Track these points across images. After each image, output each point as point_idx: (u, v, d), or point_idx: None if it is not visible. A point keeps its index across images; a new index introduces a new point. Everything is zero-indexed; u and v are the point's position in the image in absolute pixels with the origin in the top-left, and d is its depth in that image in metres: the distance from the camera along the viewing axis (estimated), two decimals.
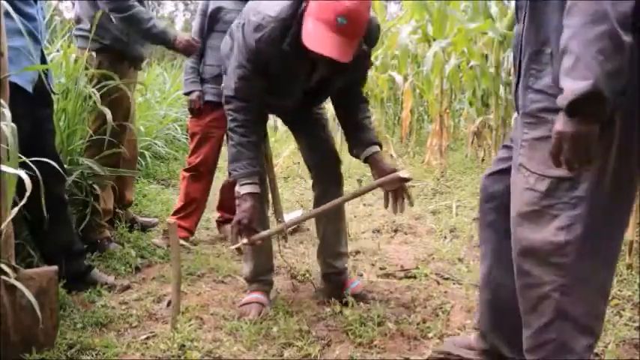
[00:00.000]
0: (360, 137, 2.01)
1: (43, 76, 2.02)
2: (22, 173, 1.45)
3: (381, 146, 2.04)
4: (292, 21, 1.75)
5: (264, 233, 1.93)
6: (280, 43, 1.77)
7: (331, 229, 2.19)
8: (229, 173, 1.96)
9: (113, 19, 2.49)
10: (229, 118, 1.92)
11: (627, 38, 1.03)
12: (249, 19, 1.81)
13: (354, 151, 2.03)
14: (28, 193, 1.41)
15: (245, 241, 1.86)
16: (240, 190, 1.89)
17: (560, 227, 1.20)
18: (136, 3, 2.48)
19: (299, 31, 1.73)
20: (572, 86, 1.04)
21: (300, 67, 1.85)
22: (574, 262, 1.20)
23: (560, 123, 1.08)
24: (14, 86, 1.75)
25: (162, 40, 2.58)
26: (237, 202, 1.90)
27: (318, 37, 1.66)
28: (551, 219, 1.21)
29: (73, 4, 2.84)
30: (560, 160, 1.11)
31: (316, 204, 2.17)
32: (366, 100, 2.11)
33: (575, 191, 1.17)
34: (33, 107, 1.93)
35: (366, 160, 2.00)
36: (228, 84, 1.91)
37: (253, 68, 1.84)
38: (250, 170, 1.88)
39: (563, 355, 1.22)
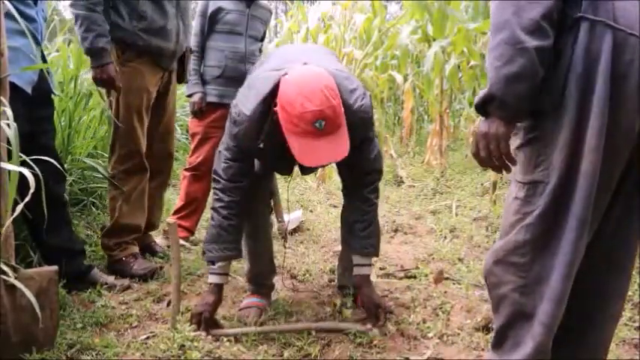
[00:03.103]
0: (348, 241, 2.00)
1: (45, 75, 2.02)
2: (26, 171, 1.45)
3: (374, 253, 1.98)
4: (265, 119, 1.73)
5: (227, 331, 1.85)
6: (257, 138, 1.76)
7: None
8: (203, 252, 1.93)
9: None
10: (215, 197, 1.88)
11: (535, 42, 1.09)
12: (232, 108, 1.82)
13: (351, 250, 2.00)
14: (32, 191, 1.41)
15: (203, 334, 1.80)
16: (209, 278, 1.89)
17: (522, 227, 1.22)
18: (97, 9, 2.16)
19: (272, 128, 1.71)
20: (482, 91, 1.15)
21: (281, 154, 1.79)
22: (531, 261, 1.21)
23: (480, 124, 1.18)
24: (13, 86, 1.75)
25: (87, 56, 2.24)
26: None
27: (310, 151, 1.62)
28: (523, 222, 1.22)
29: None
30: (481, 159, 1.19)
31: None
32: (368, 199, 1.95)
33: (545, 193, 1.18)
34: (32, 107, 1.93)
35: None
36: (217, 164, 1.89)
37: (239, 152, 1.84)
38: (225, 255, 1.86)
39: (518, 353, 1.23)
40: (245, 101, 1.78)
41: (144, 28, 2.29)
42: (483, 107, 1.18)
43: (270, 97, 1.72)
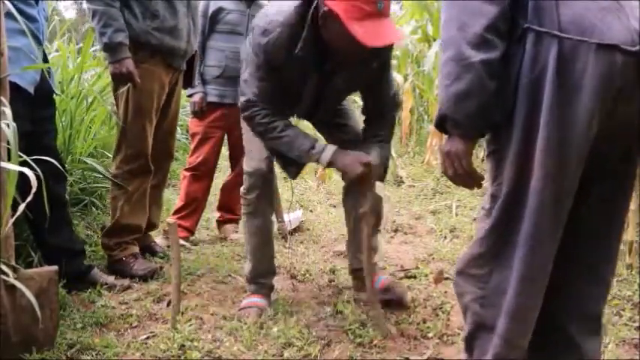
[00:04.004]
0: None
1: (46, 75, 2.02)
2: (27, 170, 1.45)
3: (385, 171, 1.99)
4: (302, 25, 1.72)
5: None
6: (290, 48, 1.74)
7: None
8: (293, 172, 1.96)
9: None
10: (256, 118, 1.85)
11: (480, 56, 1.07)
12: (257, 24, 1.79)
13: None
14: (33, 190, 1.41)
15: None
16: (322, 160, 1.83)
17: (478, 238, 1.22)
18: (115, 5, 2.16)
19: (311, 35, 1.71)
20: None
21: (313, 69, 1.82)
22: (488, 273, 1.21)
23: (443, 143, 1.20)
24: (15, 86, 1.75)
25: (105, 51, 2.22)
26: (331, 166, 1.88)
27: (375, 32, 1.60)
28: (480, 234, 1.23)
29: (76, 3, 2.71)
30: (449, 178, 1.20)
31: (345, 193, 2.18)
32: (385, 123, 2.01)
33: (496, 207, 1.18)
34: (34, 108, 1.93)
35: None
36: (248, 90, 1.87)
37: (269, 70, 1.81)
38: (310, 140, 1.85)
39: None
40: (274, 12, 1.76)
41: (157, 27, 2.27)
42: (442, 126, 1.17)
43: (305, 5, 1.71)
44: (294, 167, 1.98)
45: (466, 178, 1.19)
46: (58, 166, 1.87)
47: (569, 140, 1.08)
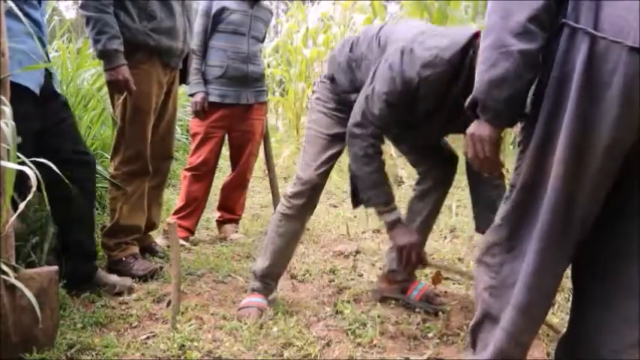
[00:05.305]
0: (484, 218, 1.94)
1: (53, 74, 2.02)
2: (27, 169, 1.45)
3: None
4: (462, 65, 1.68)
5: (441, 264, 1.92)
6: (443, 87, 1.70)
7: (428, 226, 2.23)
8: (356, 202, 1.93)
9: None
10: (365, 143, 1.79)
11: (520, 45, 1.08)
12: (412, 48, 1.70)
13: (481, 230, 1.95)
14: (33, 189, 1.41)
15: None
16: (385, 218, 1.86)
17: (492, 227, 1.23)
18: (109, 11, 2.14)
19: (469, 76, 1.65)
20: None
21: (445, 109, 1.78)
22: (500, 264, 1.21)
23: (472, 125, 1.22)
24: (24, 88, 1.76)
25: (100, 59, 2.21)
26: (387, 230, 1.90)
27: None
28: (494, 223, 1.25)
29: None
30: (469, 159, 1.22)
31: (420, 195, 2.24)
32: (502, 175, 1.94)
33: (511, 197, 1.19)
34: (44, 107, 1.92)
35: None
36: (368, 106, 1.78)
37: (403, 99, 1.74)
38: (390, 197, 1.85)
39: (486, 355, 1.22)
40: (437, 44, 1.68)
41: (153, 27, 2.27)
42: (473, 109, 1.18)
43: (466, 49, 1.67)
44: (358, 200, 1.94)
45: (486, 162, 1.20)
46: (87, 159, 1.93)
47: (592, 139, 1.07)
